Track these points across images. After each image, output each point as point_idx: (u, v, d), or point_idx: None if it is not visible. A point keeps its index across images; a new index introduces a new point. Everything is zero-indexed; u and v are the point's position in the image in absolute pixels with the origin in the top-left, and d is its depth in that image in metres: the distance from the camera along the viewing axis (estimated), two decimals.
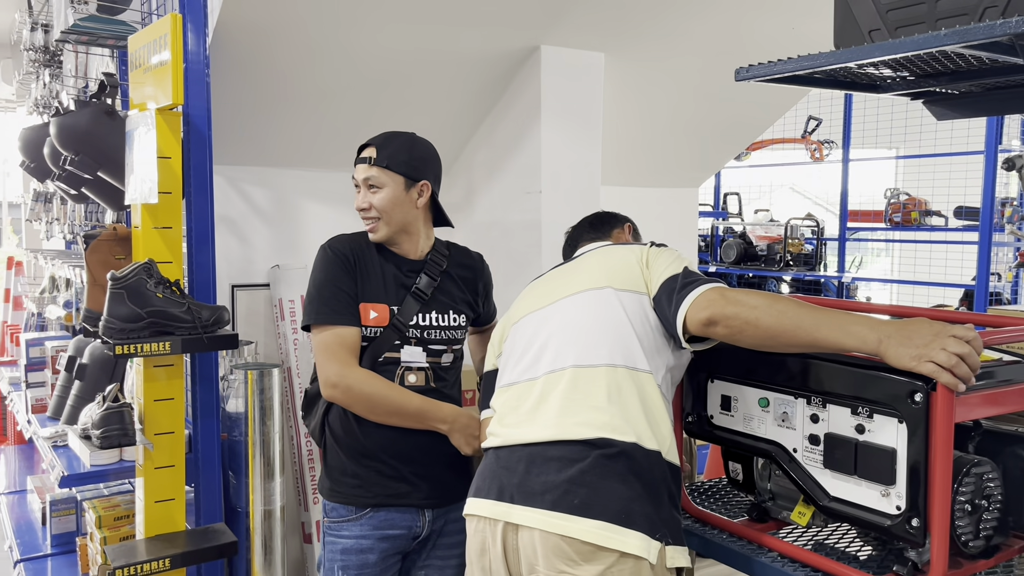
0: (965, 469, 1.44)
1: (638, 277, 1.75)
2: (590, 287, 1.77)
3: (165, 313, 2.16)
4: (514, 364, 1.80)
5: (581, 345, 1.70)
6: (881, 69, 1.84)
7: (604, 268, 1.81)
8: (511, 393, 1.78)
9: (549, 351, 1.74)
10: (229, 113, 3.03)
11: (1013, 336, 1.52)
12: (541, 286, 1.92)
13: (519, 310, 1.90)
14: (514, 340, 1.85)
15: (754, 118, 4.30)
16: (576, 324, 1.74)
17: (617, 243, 2.06)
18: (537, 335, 1.78)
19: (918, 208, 6.70)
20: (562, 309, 1.79)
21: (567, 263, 1.98)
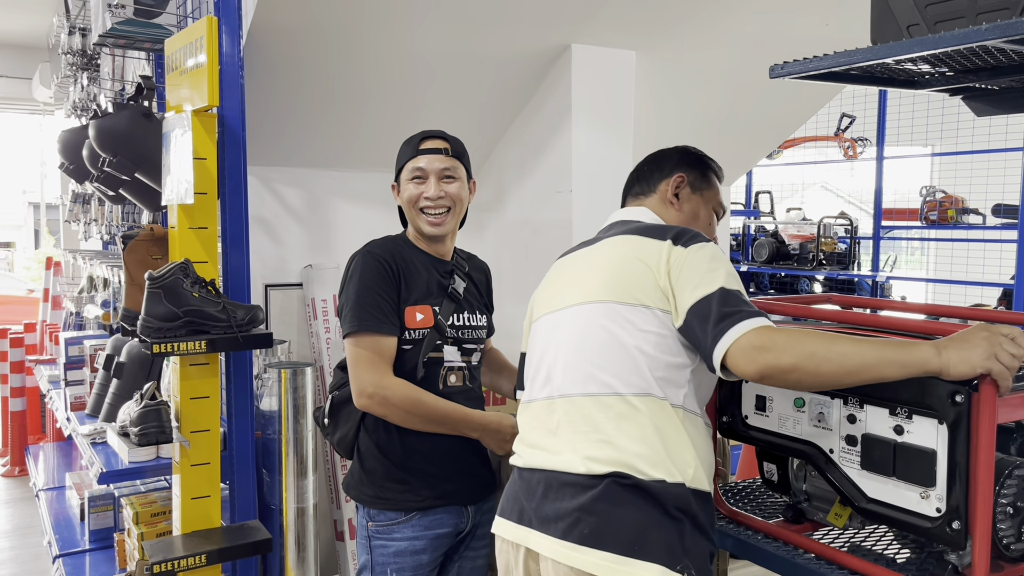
0: (1007, 471, 1.41)
1: (652, 288, 1.55)
2: (595, 299, 1.60)
3: (201, 312, 2.19)
4: (532, 376, 1.71)
5: (587, 370, 1.57)
6: (919, 65, 1.81)
7: (613, 273, 1.61)
8: (531, 412, 1.69)
9: (559, 369, 1.62)
10: (262, 114, 3.07)
11: None
12: (563, 272, 1.77)
13: (542, 301, 1.78)
14: (533, 342, 1.75)
15: (787, 116, 4.26)
16: (582, 344, 1.60)
17: (653, 211, 1.80)
18: (548, 347, 1.67)
19: (955, 206, 6.59)
20: (570, 320, 1.64)
21: (591, 244, 1.76)
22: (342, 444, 2.12)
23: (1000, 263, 6.45)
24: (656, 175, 1.84)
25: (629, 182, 1.91)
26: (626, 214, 1.82)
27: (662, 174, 1.84)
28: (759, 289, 8.06)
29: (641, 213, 1.79)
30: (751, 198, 8.42)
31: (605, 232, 1.77)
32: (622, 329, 1.54)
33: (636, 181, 1.88)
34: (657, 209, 1.81)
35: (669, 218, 1.79)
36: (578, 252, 1.78)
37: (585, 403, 1.56)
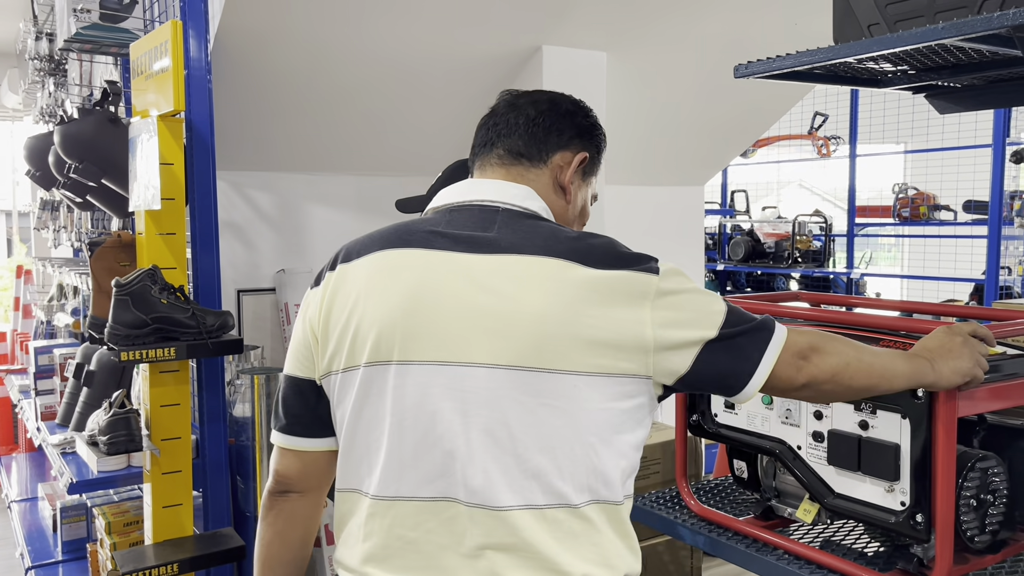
0: (970, 464, 1.43)
1: (633, 346, 1.12)
2: (533, 363, 1.10)
3: (170, 319, 2.17)
4: (397, 453, 1.15)
5: (524, 469, 1.11)
6: (881, 64, 1.83)
7: (561, 326, 1.10)
8: (401, 515, 1.16)
9: (474, 463, 1.11)
10: (233, 118, 3.05)
11: (1018, 330, 1.51)
12: (443, 293, 1.15)
13: (394, 328, 1.16)
14: (386, 395, 1.16)
15: (759, 115, 4.29)
16: (513, 429, 1.11)
17: (540, 195, 1.27)
18: (440, 418, 1.13)
19: (926, 203, 6.66)
20: (487, 385, 1.11)
21: (478, 250, 1.17)
22: None
23: (971, 259, 6.53)
24: (552, 138, 1.30)
25: (495, 128, 1.32)
26: (505, 193, 1.25)
27: (560, 140, 1.30)
28: (736, 288, 8.10)
29: (517, 194, 1.25)
30: (726, 197, 8.47)
31: (479, 219, 1.21)
32: (577, 407, 1.11)
33: (513, 133, 1.30)
34: (544, 193, 1.28)
35: (556, 211, 1.29)
36: (461, 262, 1.17)
37: (523, 519, 1.11)
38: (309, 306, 1.28)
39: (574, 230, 1.23)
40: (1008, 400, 1.45)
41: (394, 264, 1.21)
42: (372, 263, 1.22)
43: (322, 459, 1.29)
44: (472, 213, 1.24)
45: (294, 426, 1.29)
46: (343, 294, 1.22)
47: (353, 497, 1.22)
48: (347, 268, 1.24)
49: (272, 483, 1.32)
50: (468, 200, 1.27)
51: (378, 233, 1.27)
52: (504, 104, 1.35)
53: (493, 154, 1.31)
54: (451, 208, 1.27)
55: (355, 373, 1.19)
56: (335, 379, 1.23)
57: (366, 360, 1.18)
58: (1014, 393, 1.45)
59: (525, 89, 1.38)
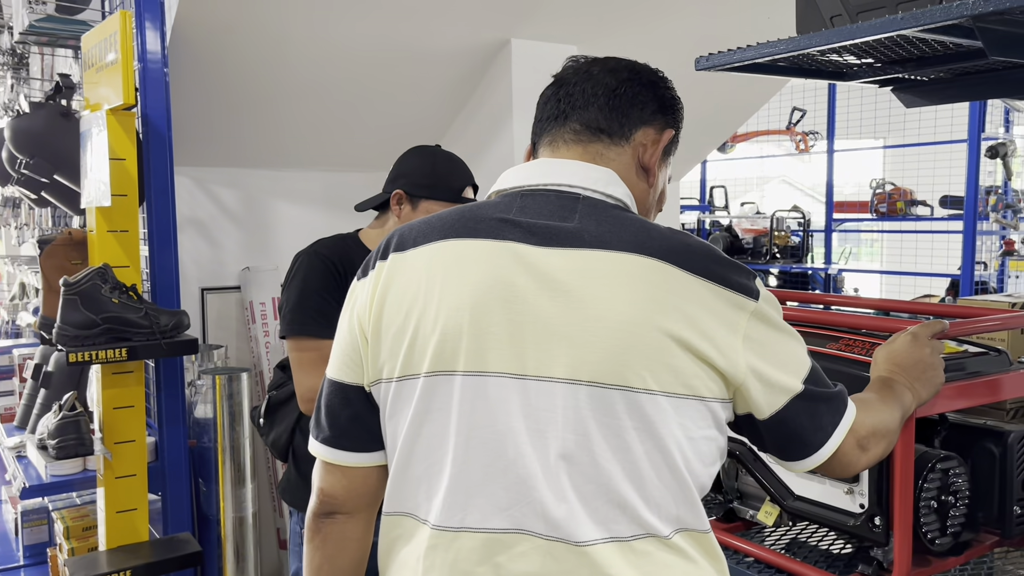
0: (930, 465, 1.40)
1: (709, 368, 1.00)
2: (615, 380, 0.97)
3: (121, 319, 2.11)
4: (462, 482, 1.02)
5: (609, 497, 0.98)
6: (845, 56, 1.80)
7: (647, 341, 0.98)
8: (464, 551, 1.02)
9: (550, 489, 0.98)
10: (194, 112, 2.98)
11: (978, 327, 1.48)
12: (516, 295, 1.01)
13: (471, 347, 1.02)
14: (447, 414, 1.03)
15: (732, 110, 4.26)
16: (596, 452, 0.98)
17: (621, 176, 1.11)
18: (508, 439, 1.00)
19: (903, 198, 6.67)
20: (564, 402, 0.98)
21: (565, 244, 1.03)
22: (276, 445, 2.06)
23: (948, 254, 6.55)
24: (635, 112, 1.15)
25: (568, 99, 1.17)
26: (586, 177, 1.09)
27: (643, 114, 1.15)
28: None
29: (599, 179, 1.10)
30: (705, 193, 8.46)
31: (557, 207, 1.06)
32: (665, 431, 0.99)
33: (590, 104, 1.14)
34: (626, 175, 1.12)
35: (637, 194, 1.14)
36: (537, 257, 1.02)
37: (609, 555, 0.98)
38: (357, 300, 1.11)
39: (667, 227, 1.07)
40: (969, 399, 1.43)
41: (459, 256, 1.04)
42: (433, 254, 1.06)
43: (372, 475, 1.13)
44: (548, 199, 1.07)
45: (340, 439, 1.12)
46: (398, 288, 1.06)
47: (408, 523, 1.07)
48: (402, 258, 1.08)
49: (316, 503, 1.15)
50: (542, 183, 1.09)
51: (437, 219, 1.11)
52: (575, 72, 1.19)
53: (567, 128, 1.14)
54: (522, 192, 1.10)
55: (413, 383, 1.04)
56: (388, 388, 1.07)
57: (427, 369, 1.03)
58: (974, 392, 1.42)
59: (594, 56, 1.22)
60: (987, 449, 1.50)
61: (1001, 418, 1.67)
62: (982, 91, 1.97)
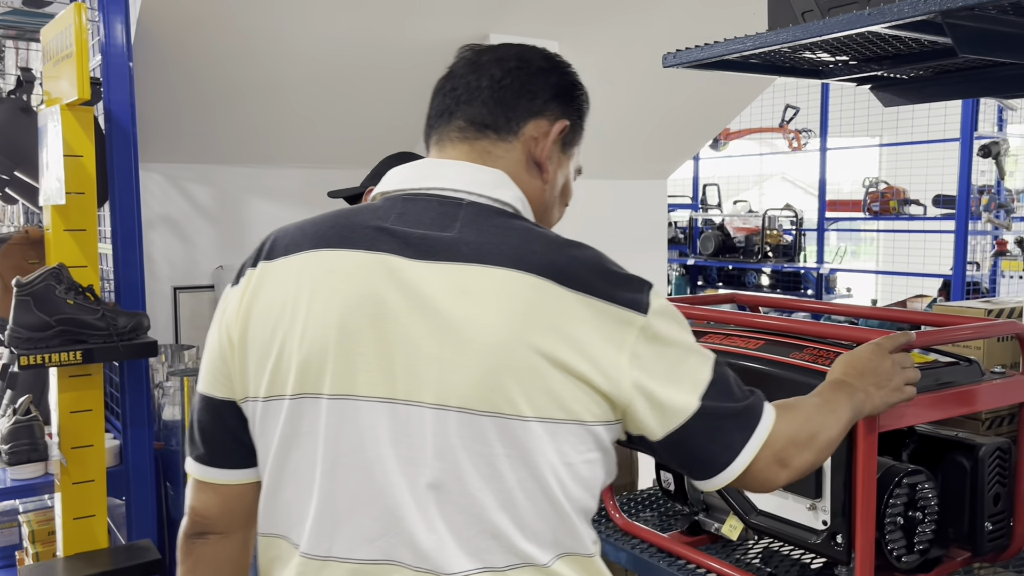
0: (897, 479, 1.34)
1: (592, 392, 0.94)
2: (487, 407, 0.92)
3: (76, 320, 2.05)
4: (327, 511, 0.97)
5: (482, 528, 0.93)
6: (818, 53, 1.74)
7: (522, 365, 0.92)
8: None
9: (421, 518, 0.93)
10: (165, 108, 2.92)
11: (948, 336, 1.43)
12: (383, 313, 0.95)
13: (338, 368, 0.96)
14: (311, 439, 0.97)
15: (720, 107, 4.20)
16: (469, 482, 0.93)
17: (510, 176, 1.06)
18: (376, 466, 0.94)
19: (896, 197, 6.61)
20: (434, 428, 0.93)
21: (432, 257, 0.97)
22: None
23: (940, 254, 6.49)
24: (523, 104, 1.07)
25: (453, 93, 1.08)
26: (471, 180, 1.03)
27: (532, 105, 1.07)
28: (707, 283, 8.04)
29: (487, 182, 1.03)
30: (698, 191, 8.40)
31: (438, 214, 1.00)
32: (540, 458, 0.93)
33: (475, 99, 1.06)
34: (516, 173, 1.06)
35: (531, 192, 1.07)
36: (411, 272, 0.96)
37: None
38: (227, 308, 1.04)
39: (554, 235, 1.00)
40: (936, 411, 1.37)
41: (329, 269, 0.98)
42: (302, 265, 0.99)
43: (249, 493, 1.06)
44: (429, 206, 1.01)
45: (213, 455, 1.06)
46: (265, 300, 1.00)
47: (282, 544, 1.02)
48: (271, 267, 1.01)
49: (188, 523, 1.09)
50: (425, 188, 1.03)
51: (312, 225, 1.03)
52: (464, 63, 1.10)
53: (452, 126, 1.07)
54: (404, 196, 1.03)
55: (279, 405, 0.98)
56: (255, 407, 1.01)
57: (293, 391, 0.97)
58: (943, 404, 1.36)
59: (489, 44, 1.13)
60: (957, 462, 1.44)
61: (976, 429, 1.62)
62: (962, 90, 1.92)
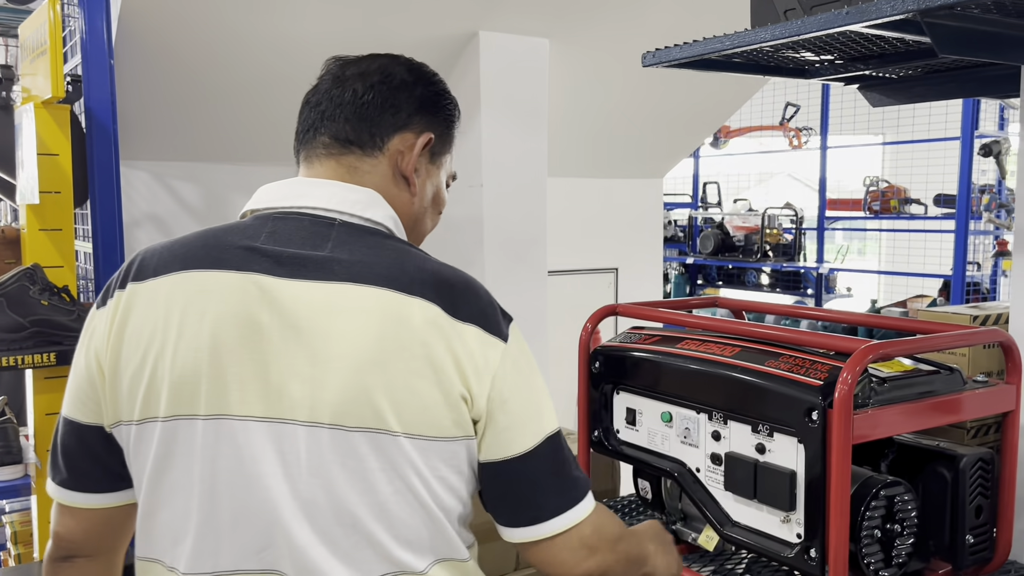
0: (874, 491, 1.31)
1: (458, 408, 0.97)
2: (359, 423, 0.94)
3: (51, 322, 2.02)
4: (202, 528, 0.98)
5: (358, 539, 0.96)
6: (801, 52, 1.70)
7: (392, 381, 0.95)
8: None
9: (298, 532, 0.95)
10: (151, 105, 2.89)
11: (928, 345, 1.39)
12: (251, 330, 0.97)
13: (212, 389, 0.97)
14: (182, 460, 0.98)
15: (716, 105, 4.15)
16: (345, 496, 0.95)
17: (378, 191, 1.07)
18: (255, 484, 0.96)
19: (897, 196, 6.55)
20: (307, 445, 0.95)
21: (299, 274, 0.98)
22: None
23: (940, 253, 6.44)
24: (386, 119, 1.07)
25: (318, 108, 1.09)
26: (343, 200, 1.04)
27: (396, 119, 1.07)
28: (707, 281, 7.99)
29: (358, 201, 1.04)
30: (698, 189, 8.35)
31: (310, 234, 1.01)
32: (410, 471, 0.96)
33: (338, 115, 1.07)
34: (385, 188, 1.07)
35: (400, 206, 1.08)
36: (283, 291, 0.97)
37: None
38: (95, 332, 1.02)
39: (426, 256, 1.03)
40: (914, 422, 1.33)
41: (200, 290, 0.98)
42: (173, 287, 0.99)
43: (115, 516, 1.06)
44: (301, 224, 1.02)
45: (77, 480, 1.04)
46: (136, 323, 0.99)
47: (156, 569, 1.02)
48: (141, 288, 1.00)
49: (52, 547, 1.07)
50: (296, 207, 1.03)
51: (181, 245, 1.03)
52: (329, 77, 1.10)
53: (318, 142, 1.07)
54: (275, 215, 1.03)
55: (151, 427, 0.98)
56: (129, 431, 1.00)
57: (165, 413, 0.97)
58: (921, 413, 1.32)
59: (356, 55, 1.13)
60: (938, 473, 1.41)
61: (961, 438, 1.58)
62: (950, 90, 1.88)
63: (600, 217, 4.31)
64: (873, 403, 1.29)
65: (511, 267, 3.20)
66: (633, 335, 1.66)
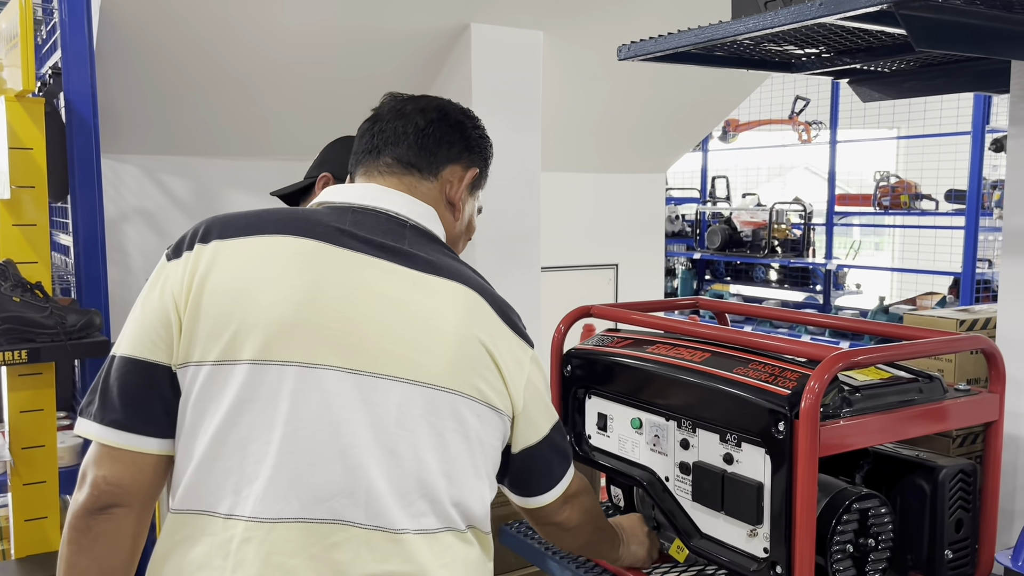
0: (847, 504, 1.26)
1: (501, 388, 1.13)
2: (443, 382, 1.07)
3: (23, 319, 1.99)
4: (304, 476, 1.03)
5: (425, 492, 1.07)
6: (784, 46, 1.64)
7: (464, 351, 1.09)
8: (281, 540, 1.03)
9: (377, 477, 1.04)
10: (140, 99, 2.87)
11: (908, 352, 1.33)
12: (352, 296, 1.07)
13: (308, 340, 1.04)
14: (272, 401, 1.03)
15: (717, 99, 4.08)
16: (416, 454, 1.05)
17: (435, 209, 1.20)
18: (343, 430, 1.03)
19: (907, 191, 6.44)
20: (398, 404, 1.05)
21: (404, 263, 1.10)
22: None
23: (951, 250, 6.32)
24: (443, 151, 1.21)
25: (382, 135, 1.21)
26: (413, 209, 1.17)
27: (450, 153, 1.22)
28: (715, 277, 7.91)
29: (423, 213, 1.18)
30: (706, 184, 8.25)
31: (388, 228, 1.13)
32: (474, 435, 1.10)
33: (401, 142, 1.20)
34: (436, 206, 1.21)
35: (445, 226, 1.22)
36: (378, 267, 1.08)
37: (418, 544, 1.05)
38: (169, 279, 1.08)
39: (466, 263, 1.20)
40: (891, 432, 1.28)
41: (296, 252, 1.08)
42: (265, 246, 1.08)
43: (161, 465, 1.08)
44: (378, 220, 1.15)
45: (135, 420, 1.05)
46: (221, 273, 1.06)
47: (201, 521, 1.03)
48: (227, 245, 1.08)
49: (92, 496, 1.05)
50: (372, 205, 1.17)
51: (268, 214, 1.13)
52: (389, 110, 1.25)
53: (380, 162, 1.21)
54: (353, 209, 1.16)
55: (232, 369, 1.04)
56: (197, 372, 1.04)
57: (252, 356, 1.03)
58: (896, 425, 1.27)
59: (411, 94, 1.29)
60: (916, 485, 1.35)
61: (947, 447, 1.52)
62: (942, 84, 1.81)
63: (599, 212, 4.26)
64: (844, 413, 1.24)
65: (503, 263, 3.16)
66: (607, 337, 1.61)
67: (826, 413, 1.21)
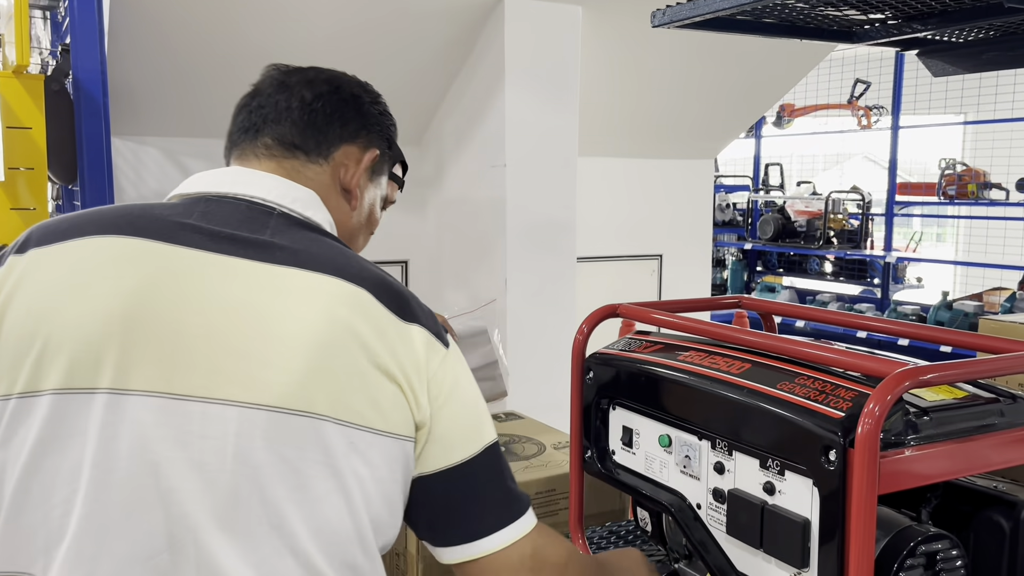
0: (911, 547, 1.06)
1: (398, 403, 0.90)
2: (295, 405, 0.85)
3: None
4: (117, 530, 0.84)
5: (270, 532, 0.85)
6: (844, 10, 1.43)
7: (328, 362, 0.87)
8: None
9: (204, 518, 0.84)
10: (158, 78, 2.77)
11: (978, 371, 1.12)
12: (162, 302, 0.87)
13: (121, 361, 0.85)
14: (111, 455, 0.84)
15: (769, 80, 3.84)
16: (263, 482, 0.84)
17: (319, 195, 1.02)
18: (163, 468, 0.84)
19: (975, 180, 6.08)
20: (232, 427, 0.84)
21: (230, 251, 0.91)
22: None
23: (1023, 242, 5.96)
24: (334, 129, 1.05)
25: (260, 111, 1.04)
26: (285, 194, 0.98)
27: (344, 131, 1.05)
28: (767, 268, 7.61)
29: (300, 198, 0.99)
30: (759, 171, 7.94)
31: (247, 218, 0.94)
32: (348, 468, 0.87)
33: (283, 119, 1.03)
34: (326, 196, 1.03)
35: (339, 217, 1.05)
36: (218, 265, 0.90)
37: None
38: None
39: (366, 260, 0.98)
40: (965, 464, 1.08)
41: (116, 256, 0.90)
42: (81, 251, 0.90)
43: None
44: (237, 209, 0.96)
45: None
46: (29, 287, 0.89)
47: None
48: (43, 254, 0.91)
49: None
50: (232, 192, 0.97)
51: (96, 213, 0.96)
52: (271, 82, 1.07)
53: (259, 143, 1.03)
54: (207, 198, 0.97)
55: (34, 402, 0.86)
56: (4, 408, 0.87)
57: (55, 385, 0.85)
58: (974, 455, 1.07)
59: (297, 66, 1.10)
60: (994, 523, 1.15)
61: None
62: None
63: (642, 200, 4.05)
64: (910, 441, 1.04)
65: (536, 254, 2.98)
66: (635, 341, 1.43)
67: (887, 440, 1.02)
